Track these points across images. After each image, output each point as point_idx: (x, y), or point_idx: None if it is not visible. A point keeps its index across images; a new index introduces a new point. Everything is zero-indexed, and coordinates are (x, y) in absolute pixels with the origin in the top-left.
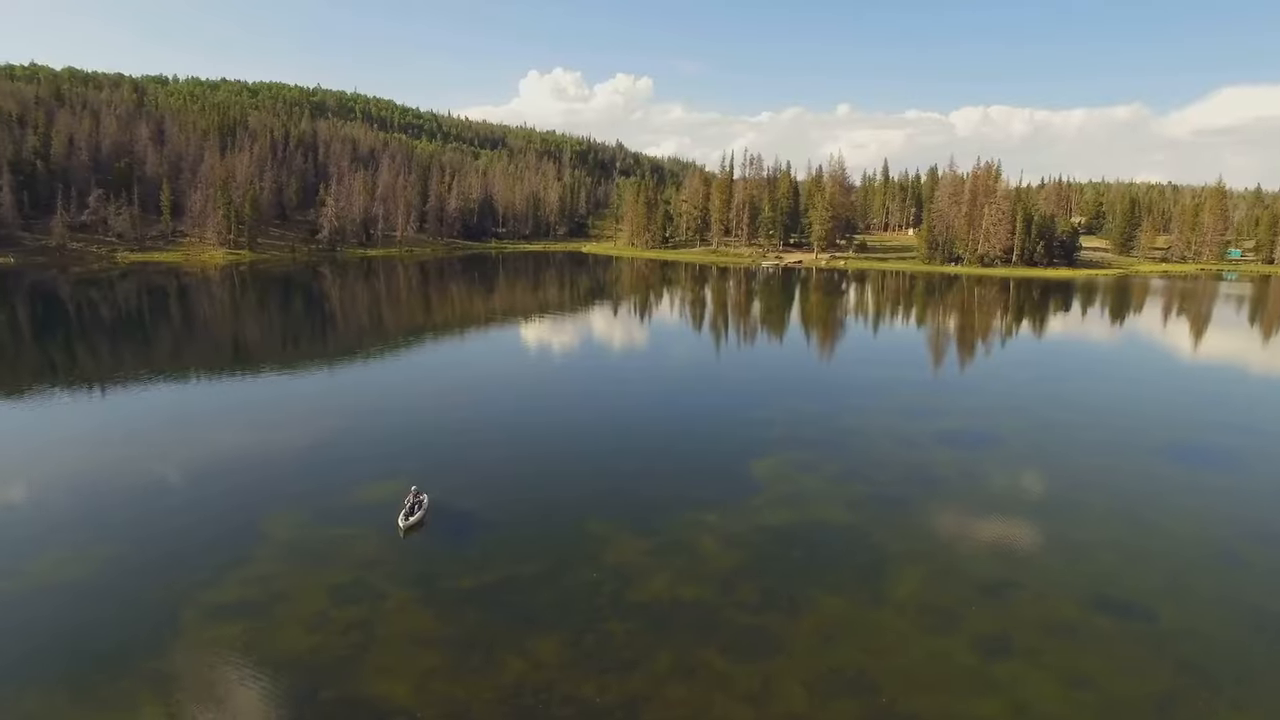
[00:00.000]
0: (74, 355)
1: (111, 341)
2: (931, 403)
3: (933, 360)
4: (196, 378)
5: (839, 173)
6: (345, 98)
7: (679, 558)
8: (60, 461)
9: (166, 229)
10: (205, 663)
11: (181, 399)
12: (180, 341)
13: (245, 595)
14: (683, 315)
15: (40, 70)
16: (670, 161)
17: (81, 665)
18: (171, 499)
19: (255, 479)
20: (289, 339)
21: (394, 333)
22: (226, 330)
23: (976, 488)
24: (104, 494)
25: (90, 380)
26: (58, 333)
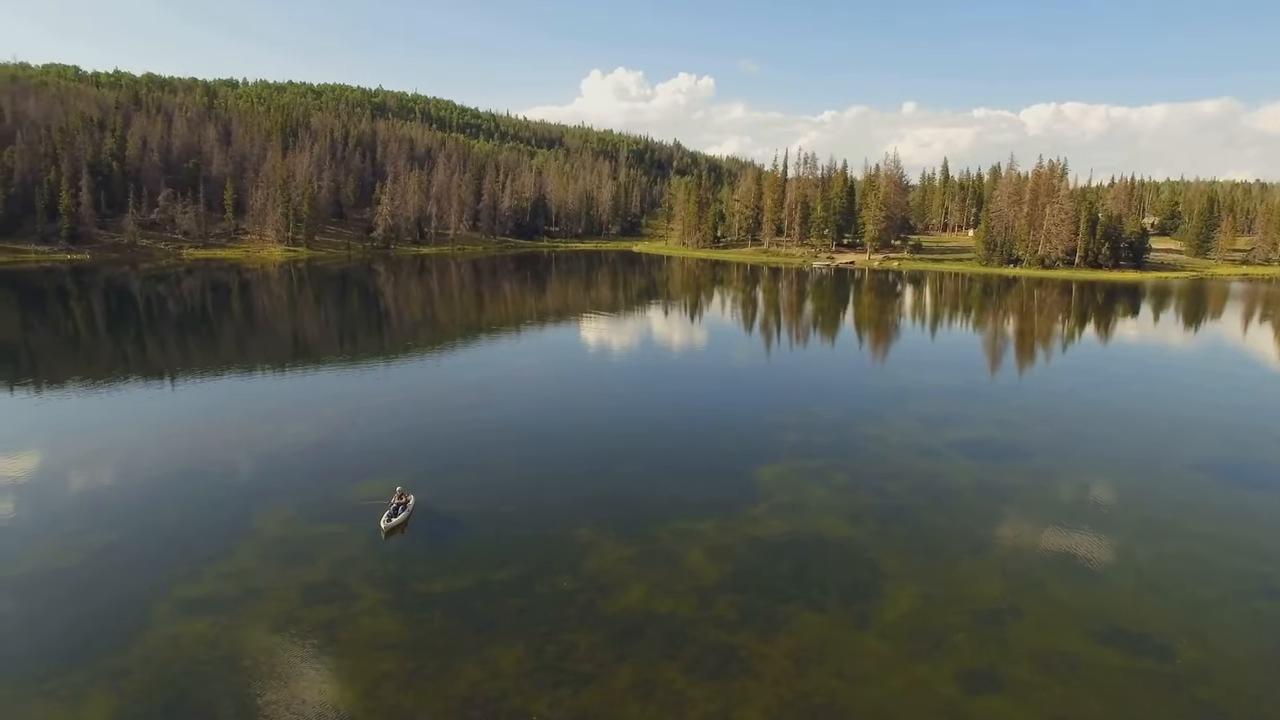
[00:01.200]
0: (144, 348)
1: (178, 335)
2: (959, 410)
3: (971, 366)
4: (241, 372)
5: (894, 171)
6: (406, 98)
7: (661, 568)
8: (91, 449)
9: (229, 226)
10: (162, 659)
11: (218, 391)
12: (238, 336)
13: (220, 590)
14: (726, 316)
15: (122, 77)
16: (729, 161)
17: (42, 655)
18: (180, 489)
19: (262, 473)
20: (337, 336)
21: (437, 332)
22: (278, 327)
23: (990, 503)
24: (119, 482)
25: (153, 372)
26: (129, 327)
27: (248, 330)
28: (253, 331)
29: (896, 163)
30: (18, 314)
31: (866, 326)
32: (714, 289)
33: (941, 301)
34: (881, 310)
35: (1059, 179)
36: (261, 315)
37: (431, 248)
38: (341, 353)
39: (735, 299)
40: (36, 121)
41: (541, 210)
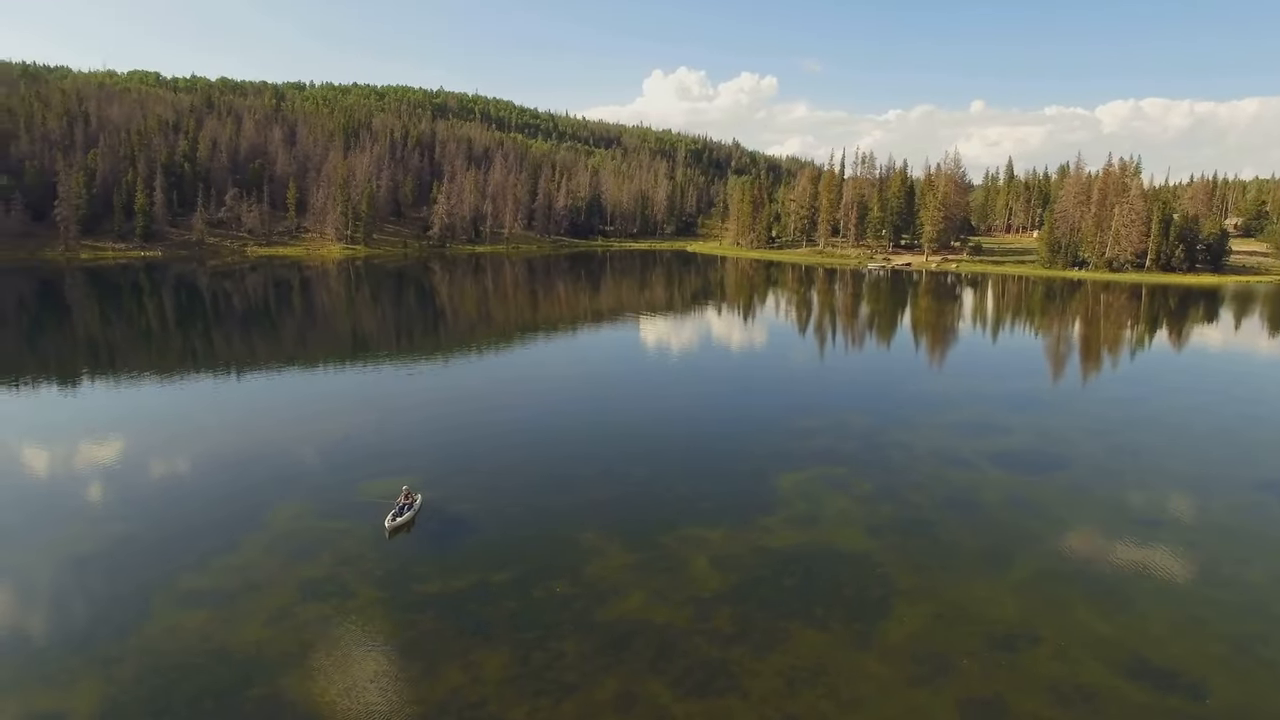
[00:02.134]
0: (211, 342)
1: (242, 330)
2: (1001, 419)
3: (1023, 372)
4: (290, 368)
5: (954, 171)
6: (466, 99)
7: (663, 576)
8: (132, 439)
9: (291, 225)
10: (156, 648)
11: (263, 386)
12: (296, 333)
13: (222, 583)
14: (775, 317)
15: (198, 81)
16: (788, 161)
17: (45, 640)
18: (205, 481)
19: (285, 467)
20: (389, 334)
21: (486, 330)
22: (335, 325)
23: (1020, 518)
24: (149, 473)
25: (213, 367)
26: (197, 322)
27: (306, 327)
28: (310, 328)
29: (957, 161)
30: (98, 308)
31: (918, 330)
32: (766, 290)
33: (999, 305)
34: (935, 313)
35: (1131, 177)
36: (320, 312)
37: (486, 246)
38: (390, 350)
39: (786, 300)
40: (118, 125)
41: (596, 209)
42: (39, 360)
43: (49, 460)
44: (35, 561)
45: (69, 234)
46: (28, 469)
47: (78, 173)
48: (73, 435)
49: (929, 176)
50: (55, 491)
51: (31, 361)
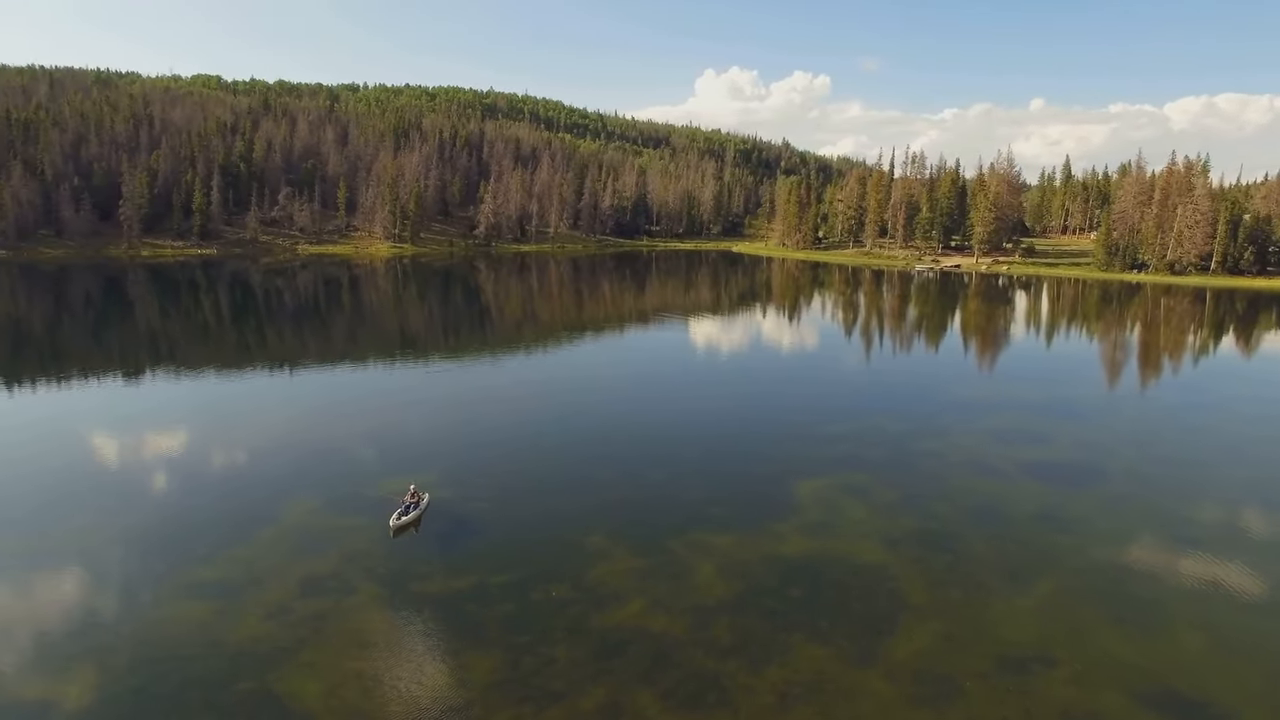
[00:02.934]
0: (264, 338)
1: (294, 326)
2: (1039, 427)
3: (1068, 379)
4: (331, 364)
5: (1008, 170)
6: (516, 99)
7: (666, 583)
8: (163, 432)
9: (341, 223)
10: (151, 639)
11: (301, 382)
12: (346, 330)
13: (226, 576)
14: (817, 320)
15: (257, 84)
16: (840, 161)
17: (48, 626)
18: (226, 474)
19: (305, 462)
20: (434, 332)
21: (526, 330)
22: (382, 322)
23: (1048, 533)
24: (174, 465)
25: (258, 362)
26: (250, 318)
27: (354, 324)
28: (359, 325)
29: (1010, 161)
30: (158, 303)
31: (963, 333)
32: (811, 291)
33: (1051, 308)
34: (984, 316)
35: (1197, 176)
36: (368, 310)
37: (531, 245)
38: (433, 348)
39: (830, 302)
40: (180, 127)
41: (642, 209)
42: (103, 352)
43: (86, 449)
44: (50, 549)
45: (131, 232)
46: (63, 458)
47: (141, 173)
48: (114, 426)
49: (981, 176)
50: (85, 479)
51: (95, 354)
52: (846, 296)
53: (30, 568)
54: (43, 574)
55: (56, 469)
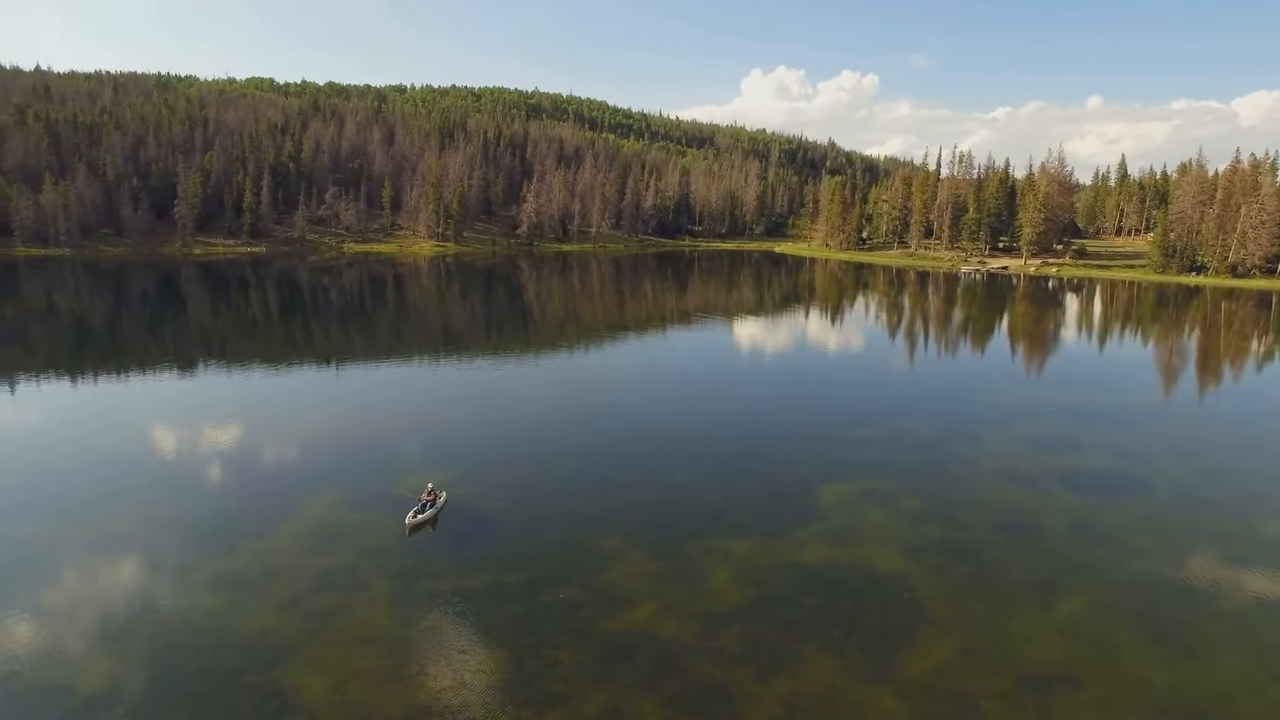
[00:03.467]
0: (310, 334)
1: (340, 323)
2: (1078, 434)
3: (1114, 385)
4: (372, 362)
5: (1059, 169)
6: (560, 100)
7: (680, 588)
8: (200, 427)
9: (386, 222)
10: (168, 629)
11: (337, 377)
12: (391, 327)
13: (245, 568)
14: (858, 322)
15: (308, 86)
16: (886, 161)
17: (63, 617)
18: (256, 469)
19: (332, 458)
20: (475, 331)
21: (566, 329)
22: (426, 320)
23: (1081, 546)
24: (208, 459)
25: (302, 358)
26: (297, 315)
27: (399, 321)
28: (403, 322)
29: (1061, 160)
30: (209, 300)
31: (1008, 336)
32: (855, 292)
33: (1103, 311)
34: (1031, 319)
35: (1265, 174)
36: (411, 308)
37: (573, 245)
38: (473, 347)
39: (872, 304)
40: (233, 129)
41: (685, 209)
42: (158, 347)
43: (129, 441)
44: (79, 538)
45: (185, 231)
46: (105, 449)
47: (195, 174)
48: (157, 420)
49: (1030, 176)
50: (121, 470)
51: (151, 349)
52: (890, 298)
53: (59, 556)
54: (69, 563)
55: (98, 460)
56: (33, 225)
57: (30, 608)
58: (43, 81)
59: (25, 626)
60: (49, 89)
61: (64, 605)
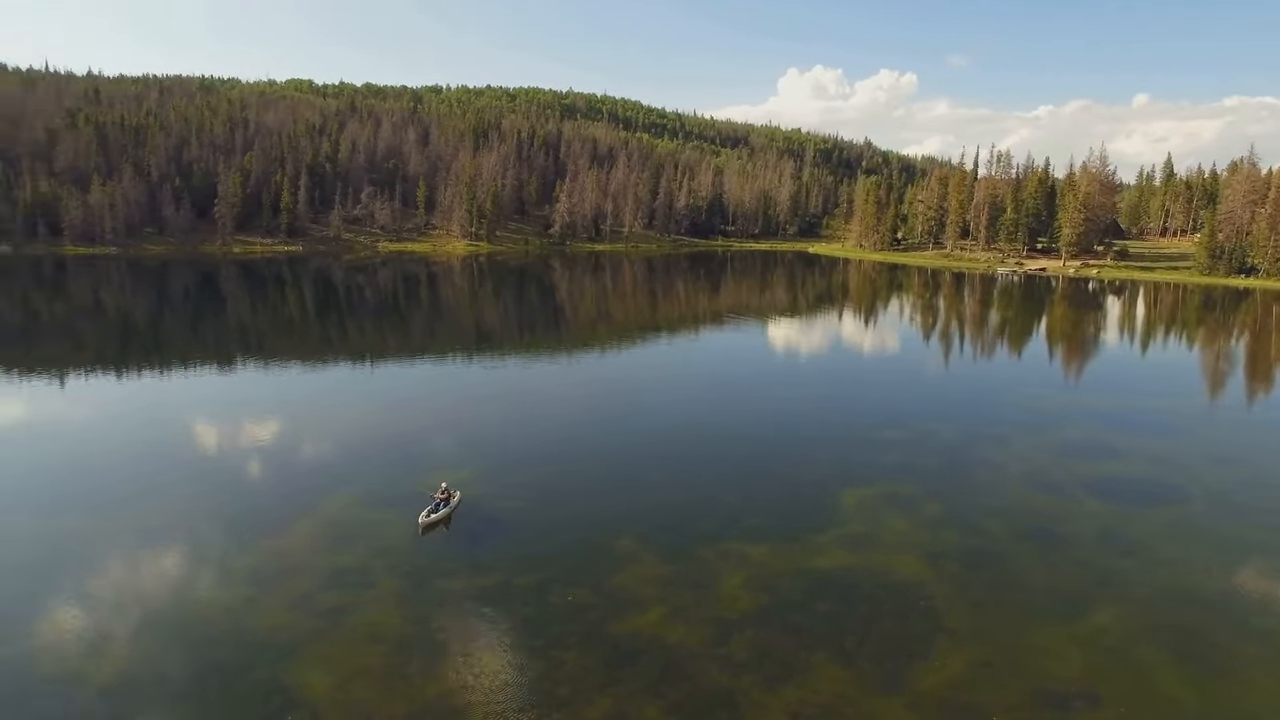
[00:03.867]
0: (345, 331)
1: (375, 321)
2: (1111, 439)
3: (1153, 388)
4: (401, 360)
5: (1100, 169)
6: (594, 100)
7: (691, 592)
8: (231, 422)
9: (420, 222)
10: (180, 624)
11: (369, 375)
12: (421, 325)
13: (260, 564)
14: (889, 323)
15: (345, 87)
16: (923, 160)
17: (80, 610)
18: (280, 464)
19: (353, 455)
20: (508, 329)
21: (596, 329)
22: (459, 319)
23: (1109, 557)
24: (234, 455)
25: (342, 355)
26: (333, 313)
27: (432, 320)
28: (437, 320)
29: (1103, 159)
30: (248, 297)
31: (1042, 339)
32: (889, 294)
33: (1145, 314)
34: (1069, 321)
35: None
36: (444, 307)
37: (605, 245)
38: (504, 346)
39: (907, 305)
40: (272, 130)
41: (718, 209)
42: (199, 343)
43: (160, 436)
44: (100, 532)
45: (225, 230)
46: (136, 444)
47: (234, 174)
48: (188, 416)
49: (1070, 175)
50: (149, 466)
51: (192, 345)
52: (924, 299)
53: (77, 549)
54: (88, 555)
55: (133, 454)
56: (81, 224)
57: (48, 600)
58: (93, 86)
59: (42, 618)
60: (99, 93)
61: (79, 597)
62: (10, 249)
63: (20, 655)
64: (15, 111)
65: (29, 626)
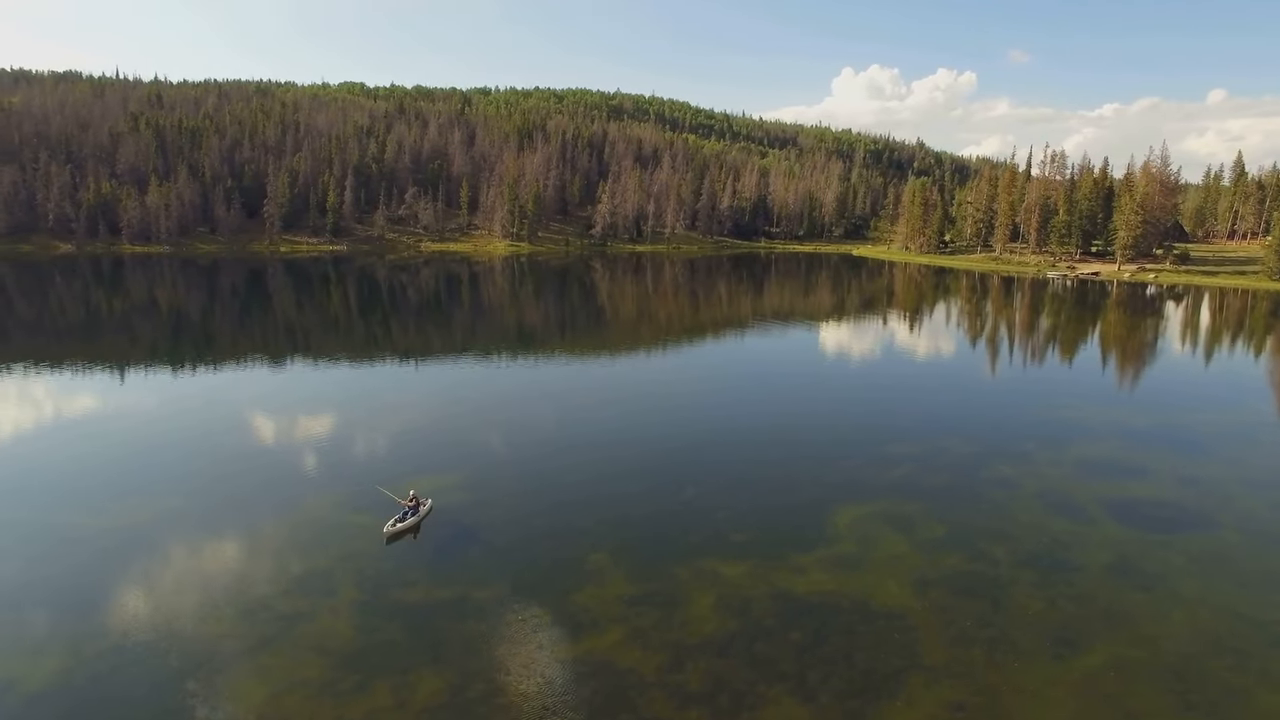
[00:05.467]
0: (389, 330)
1: (418, 320)
2: (1141, 458)
3: (1197, 402)
4: (423, 360)
5: (1160, 169)
6: (642, 100)
7: (655, 612)
8: (246, 418)
9: (463, 222)
10: (128, 629)
11: (390, 374)
12: (464, 324)
13: (224, 568)
14: (932, 328)
15: (396, 89)
16: (978, 161)
17: (23, 613)
18: (274, 464)
19: (350, 455)
20: (547, 330)
21: (634, 332)
22: (500, 319)
23: (1120, 589)
24: (224, 451)
25: (377, 354)
26: (377, 311)
27: (474, 319)
28: (479, 319)
29: (1165, 158)
30: (294, 296)
31: (1086, 347)
32: (934, 298)
33: (1203, 322)
34: (1117, 329)
35: None
36: (485, 307)
37: (646, 246)
38: (530, 348)
39: (951, 310)
40: (321, 131)
41: (762, 211)
42: (247, 338)
43: (160, 433)
44: (63, 527)
45: (273, 229)
46: (153, 440)
47: (283, 175)
48: (203, 412)
49: (1128, 175)
50: (150, 462)
51: (242, 340)
52: (969, 304)
53: (37, 548)
54: (42, 554)
55: (145, 449)
56: (138, 224)
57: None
58: (157, 90)
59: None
60: (161, 97)
61: (28, 599)
62: (73, 247)
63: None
64: (85, 116)
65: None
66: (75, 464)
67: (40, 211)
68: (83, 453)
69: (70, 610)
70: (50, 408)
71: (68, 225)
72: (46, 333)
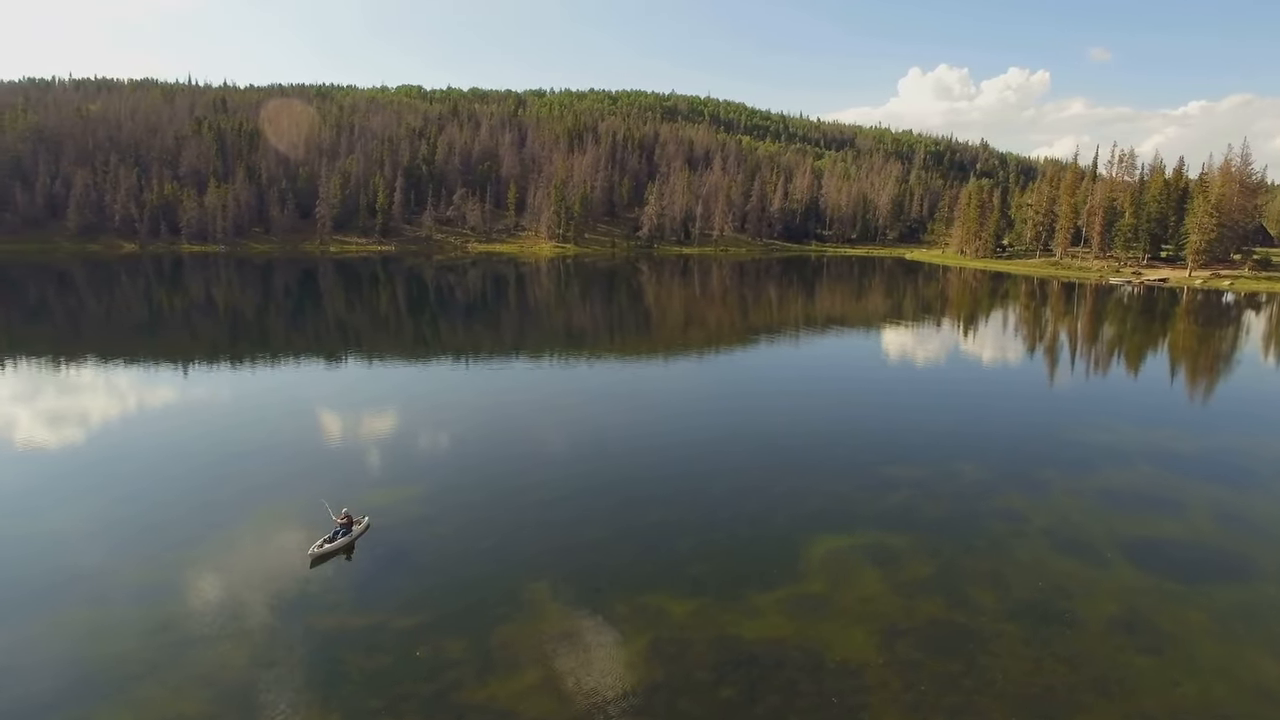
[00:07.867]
0: (438, 329)
1: (466, 320)
2: (1174, 489)
3: (1248, 427)
4: (442, 359)
5: (1240, 169)
6: (697, 102)
7: (579, 655)
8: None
9: (510, 223)
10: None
11: (404, 375)
12: (513, 325)
13: (148, 581)
14: (968, 340)
15: (452, 92)
16: (1046, 163)
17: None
18: (240, 468)
19: (322, 462)
20: (593, 331)
21: (669, 338)
22: (547, 321)
23: (1125, 650)
24: (193, 452)
25: (431, 353)
26: (425, 311)
27: (522, 319)
28: (526, 319)
29: (1245, 157)
30: (343, 295)
31: (1137, 361)
32: (990, 306)
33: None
34: (1180, 341)
35: None
36: (531, 308)
37: (694, 248)
38: (551, 351)
39: (997, 319)
40: (375, 133)
41: (814, 213)
42: (301, 336)
43: (160, 433)
44: (11, 539)
45: (324, 230)
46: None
47: (335, 176)
48: (186, 415)
49: (1203, 175)
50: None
51: (296, 338)
52: (1030, 311)
53: None
54: None
55: (147, 450)
56: (196, 224)
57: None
58: (222, 95)
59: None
60: (225, 102)
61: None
62: (137, 246)
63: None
64: (154, 121)
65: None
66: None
67: (108, 212)
68: (82, 453)
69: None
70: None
71: (132, 225)
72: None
